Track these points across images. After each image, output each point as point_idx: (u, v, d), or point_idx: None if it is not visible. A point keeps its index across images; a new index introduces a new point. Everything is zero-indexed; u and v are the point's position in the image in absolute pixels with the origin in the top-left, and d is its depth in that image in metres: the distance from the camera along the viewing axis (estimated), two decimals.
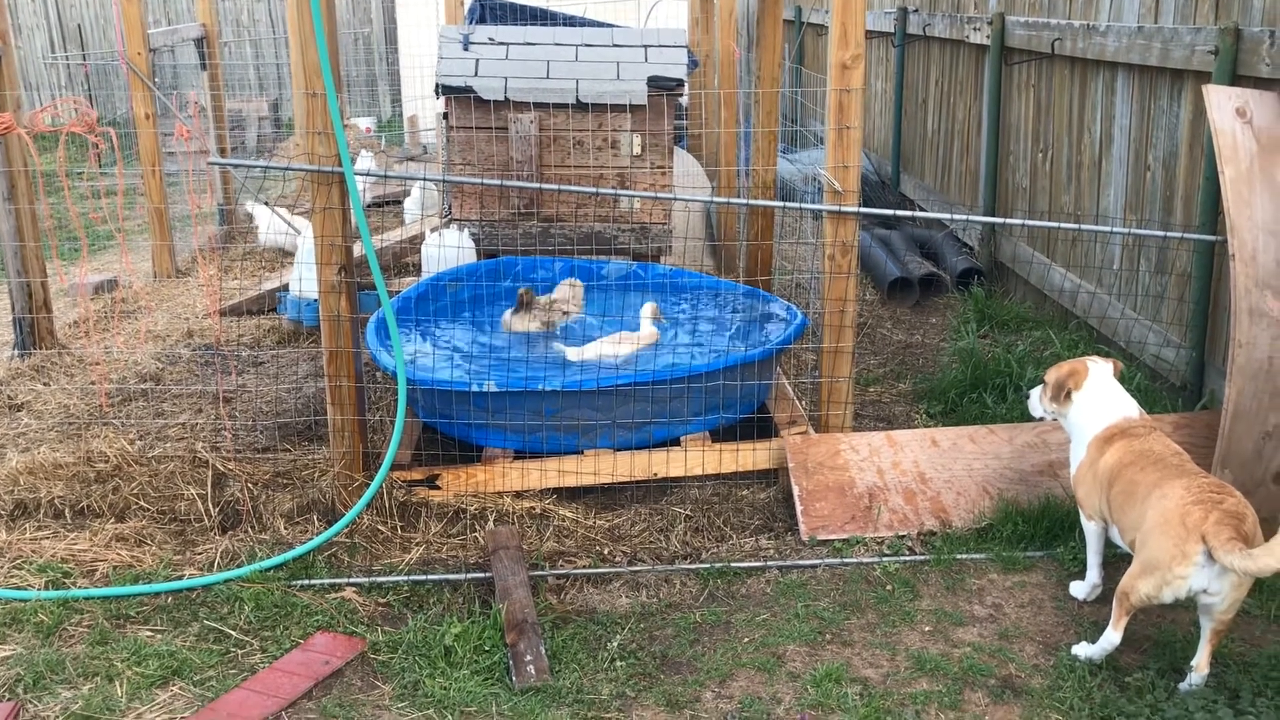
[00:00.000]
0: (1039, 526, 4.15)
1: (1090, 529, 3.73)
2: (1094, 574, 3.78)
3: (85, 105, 5.48)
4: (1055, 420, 3.98)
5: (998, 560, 4.02)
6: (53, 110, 5.67)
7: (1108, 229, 4.96)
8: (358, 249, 4.99)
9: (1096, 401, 3.77)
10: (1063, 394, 3.82)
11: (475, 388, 4.47)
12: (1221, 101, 4.20)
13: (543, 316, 5.33)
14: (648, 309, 5.27)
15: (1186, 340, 5.02)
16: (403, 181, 10.11)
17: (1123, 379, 5.18)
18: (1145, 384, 5.18)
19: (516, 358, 4.98)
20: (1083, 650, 3.43)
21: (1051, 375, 3.88)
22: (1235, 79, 4.53)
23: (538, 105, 5.73)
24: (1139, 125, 5.49)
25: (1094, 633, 3.58)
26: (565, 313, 5.43)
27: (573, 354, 5.01)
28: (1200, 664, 3.26)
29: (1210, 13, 4.83)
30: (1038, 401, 3.98)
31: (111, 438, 4.83)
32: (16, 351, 6.22)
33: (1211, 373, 4.86)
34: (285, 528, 4.29)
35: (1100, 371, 3.84)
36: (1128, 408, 3.75)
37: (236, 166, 5.80)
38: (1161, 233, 4.79)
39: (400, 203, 9.65)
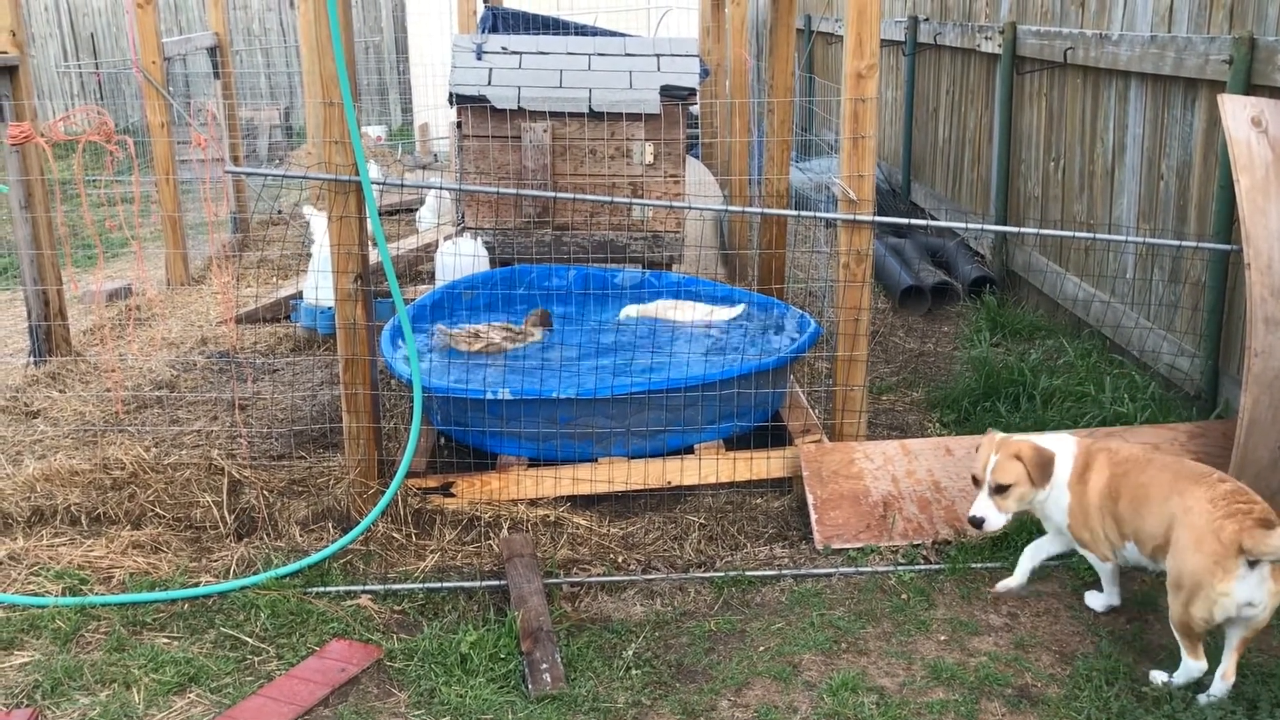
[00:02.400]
0: None
1: (1106, 570, 3.67)
2: (1114, 597, 3.74)
3: (103, 114, 5.52)
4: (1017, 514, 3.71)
5: (1013, 569, 4.01)
6: (69, 120, 5.71)
7: (1121, 238, 4.95)
8: (373, 256, 5.01)
9: (1055, 446, 3.65)
10: (1051, 466, 3.60)
11: (489, 395, 4.48)
12: (1236, 111, 4.20)
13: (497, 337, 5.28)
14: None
15: (1201, 349, 5.01)
16: (414, 190, 10.14)
17: (1137, 388, 5.20)
18: (1159, 393, 5.18)
19: (531, 365, 4.99)
20: (1160, 677, 3.36)
21: (1018, 467, 3.57)
22: (1250, 88, 4.53)
23: (551, 114, 5.76)
24: (1152, 134, 5.49)
25: (1111, 641, 3.58)
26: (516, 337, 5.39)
27: (631, 310, 5.27)
28: (1227, 673, 3.24)
29: (1224, 22, 4.83)
30: (997, 510, 3.61)
31: (127, 445, 4.86)
32: (32, 359, 6.25)
33: (1226, 382, 4.85)
34: (301, 535, 4.31)
35: (1021, 436, 3.68)
36: (1062, 436, 3.70)
37: (252, 175, 5.83)
38: (1175, 242, 4.79)
39: (413, 211, 9.69)
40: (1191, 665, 3.27)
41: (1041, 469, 3.57)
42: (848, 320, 4.50)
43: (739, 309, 5.52)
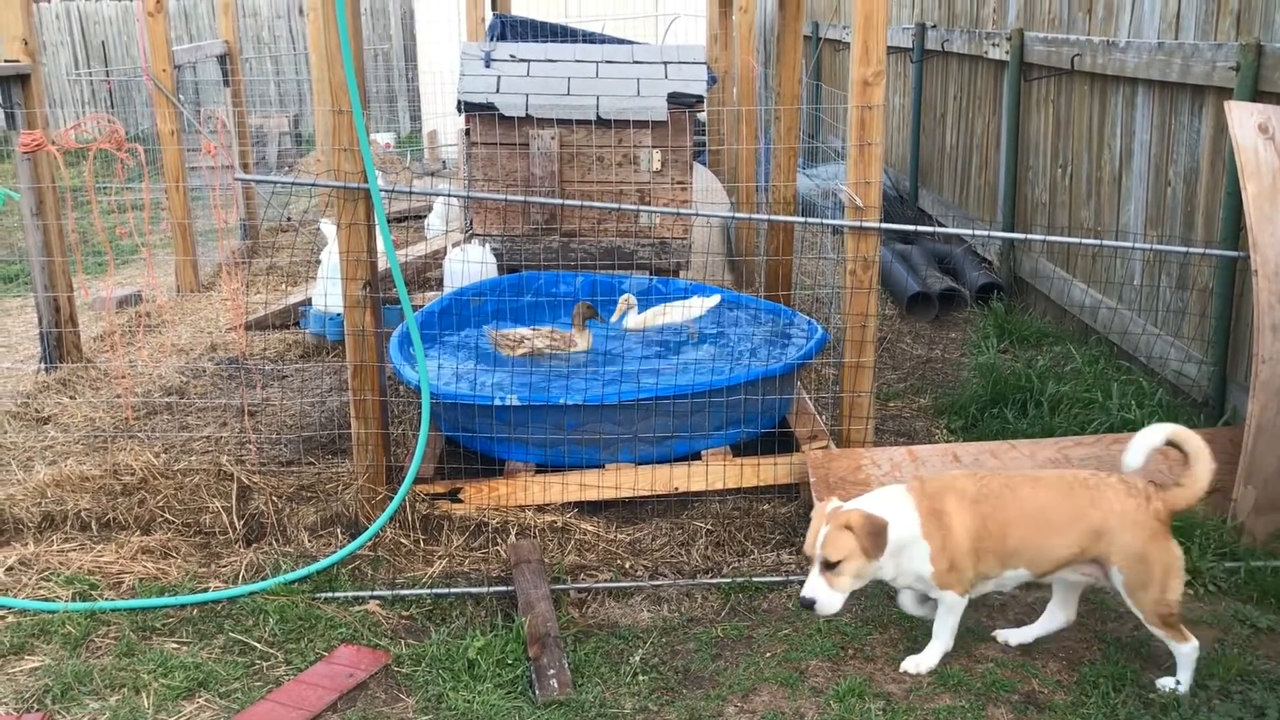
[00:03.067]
0: None
1: (960, 605, 3.43)
2: (950, 641, 3.51)
3: (114, 122, 5.55)
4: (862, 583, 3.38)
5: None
6: (80, 128, 5.74)
7: (1128, 245, 4.96)
8: (381, 263, 5.03)
9: (887, 507, 3.37)
10: (884, 536, 3.29)
11: (498, 401, 4.50)
12: (1243, 118, 4.21)
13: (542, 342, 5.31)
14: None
15: (1208, 356, 5.01)
16: (423, 197, 10.17)
17: (1144, 395, 5.20)
18: (1166, 399, 5.17)
19: (539, 371, 5.01)
20: (1168, 683, 3.33)
21: (849, 539, 3.26)
22: (1257, 95, 4.53)
23: (559, 121, 5.78)
24: (1159, 141, 5.49)
25: (1119, 648, 3.57)
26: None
27: (633, 322, 5.32)
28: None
29: (1231, 29, 4.83)
30: (829, 588, 3.30)
31: (137, 451, 4.88)
32: (43, 365, 6.29)
33: (1234, 389, 4.84)
34: (309, 541, 4.32)
35: (854, 502, 3.41)
36: (892, 491, 3.44)
37: (262, 182, 5.87)
38: (1183, 248, 4.79)
39: (422, 218, 9.72)
40: (1188, 650, 3.30)
41: (874, 538, 3.27)
42: (855, 326, 4.51)
43: (715, 298, 5.63)
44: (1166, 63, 5.26)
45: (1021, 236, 5.26)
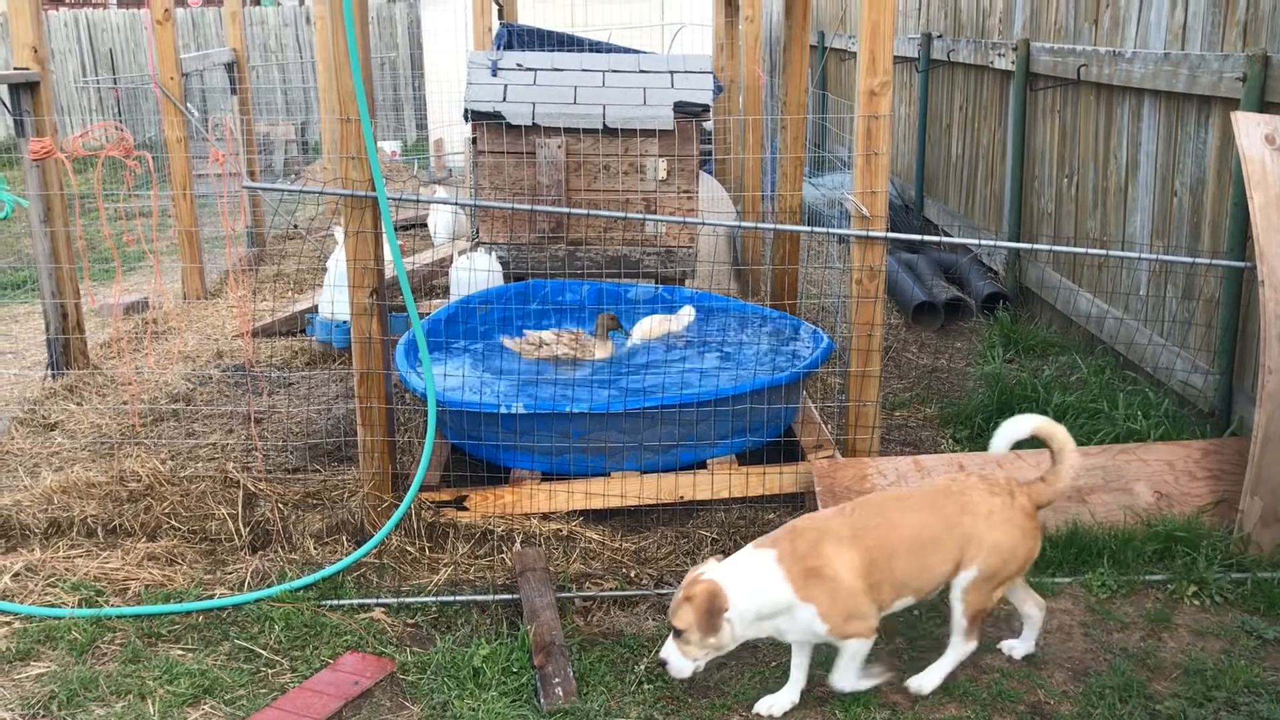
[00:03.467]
0: (1066, 552, 4.14)
1: (868, 646, 3.30)
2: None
3: (123, 130, 5.58)
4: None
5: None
6: (89, 135, 5.77)
7: (1135, 255, 4.95)
8: (388, 271, 5.04)
9: (750, 578, 3.17)
10: (720, 616, 3.11)
11: (503, 409, 4.50)
12: (1250, 128, 4.21)
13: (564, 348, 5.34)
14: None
15: (1215, 366, 5.00)
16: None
17: (1151, 405, 5.19)
18: (1173, 410, 5.17)
19: (545, 379, 5.01)
20: (916, 682, 3.39)
21: (688, 612, 3.12)
22: (1263, 105, 4.54)
23: (565, 130, 5.79)
24: (1165, 151, 5.49)
25: (1125, 659, 3.56)
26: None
27: (638, 338, 5.34)
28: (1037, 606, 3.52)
29: (1238, 40, 4.84)
30: (679, 654, 3.19)
31: (143, 457, 4.89)
32: (50, 372, 6.30)
33: (1240, 399, 4.84)
34: (315, 548, 4.33)
35: (719, 568, 3.22)
36: (755, 555, 3.24)
37: (269, 190, 5.88)
38: (1189, 259, 4.79)
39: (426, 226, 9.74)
40: (970, 649, 3.39)
41: (708, 616, 3.08)
42: (861, 336, 4.51)
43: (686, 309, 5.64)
44: (1173, 73, 5.27)
45: (1027, 246, 5.27)
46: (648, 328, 5.49)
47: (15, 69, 6.01)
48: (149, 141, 14.58)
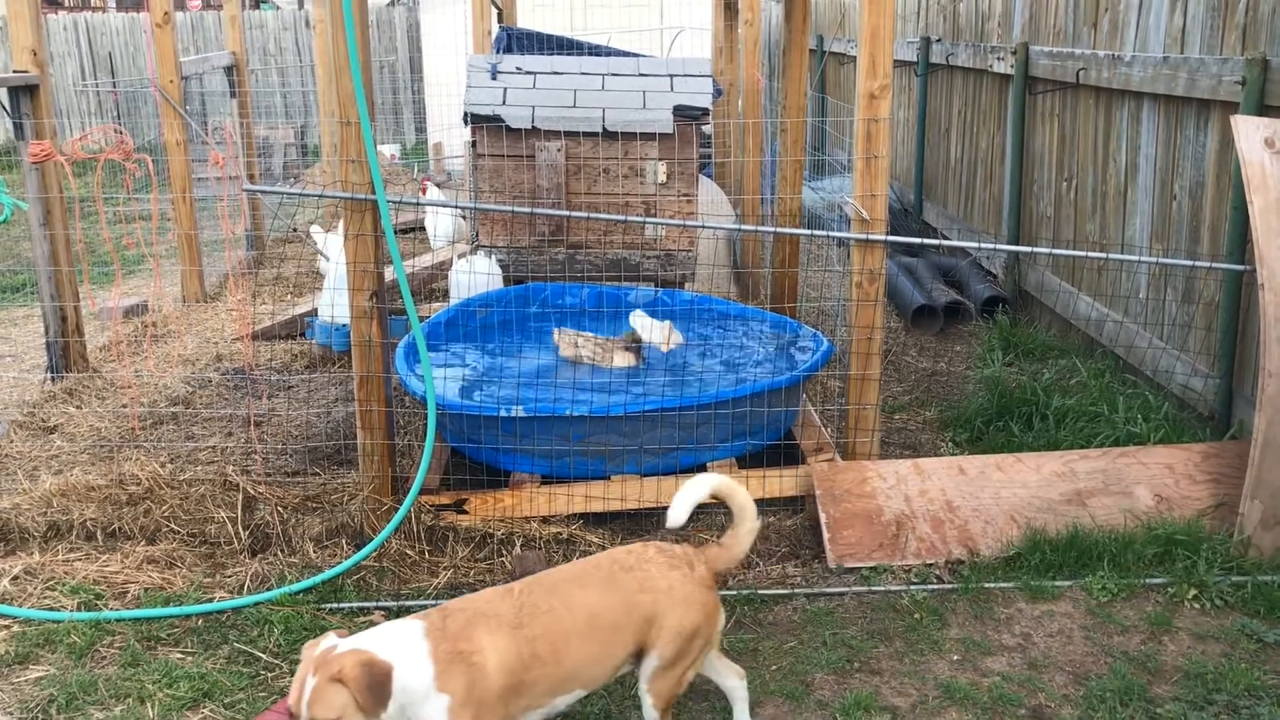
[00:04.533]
0: (1067, 555, 4.14)
1: None
2: None
3: (122, 133, 5.57)
4: None
5: (1026, 589, 4.01)
6: (88, 138, 5.77)
7: (1134, 258, 4.96)
8: (387, 274, 5.04)
9: (391, 650, 2.65)
10: (388, 683, 2.59)
11: (503, 412, 4.50)
12: (1249, 132, 4.21)
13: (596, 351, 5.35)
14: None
15: (1215, 370, 5.00)
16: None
17: (1150, 409, 5.19)
18: (1173, 413, 5.17)
19: (544, 382, 5.01)
20: None
21: (341, 694, 2.54)
22: (1263, 109, 4.54)
23: (565, 133, 5.79)
24: (1165, 155, 5.50)
25: (1126, 662, 3.56)
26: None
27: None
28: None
29: (1237, 43, 4.84)
30: None
31: (143, 460, 4.89)
32: (50, 374, 6.30)
33: (1240, 402, 4.84)
34: (314, 551, 4.32)
35: (351, 643, 2.66)
36: (402, 628, 2.75)
37: (269, 193, 5.88)
38: (1188, 262, 4.79)
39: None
40: None
41: (375, 691, 2.55)
42: (860, 339, 4.51)
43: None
44: (1172, 77, 5.27)
45: (1027, 250, 5.27)
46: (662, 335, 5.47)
47: (15, 72, 6.01)
48: (148, 145, 14.58)
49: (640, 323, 5.46)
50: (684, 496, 3.03)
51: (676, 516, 3.02)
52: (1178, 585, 3.95)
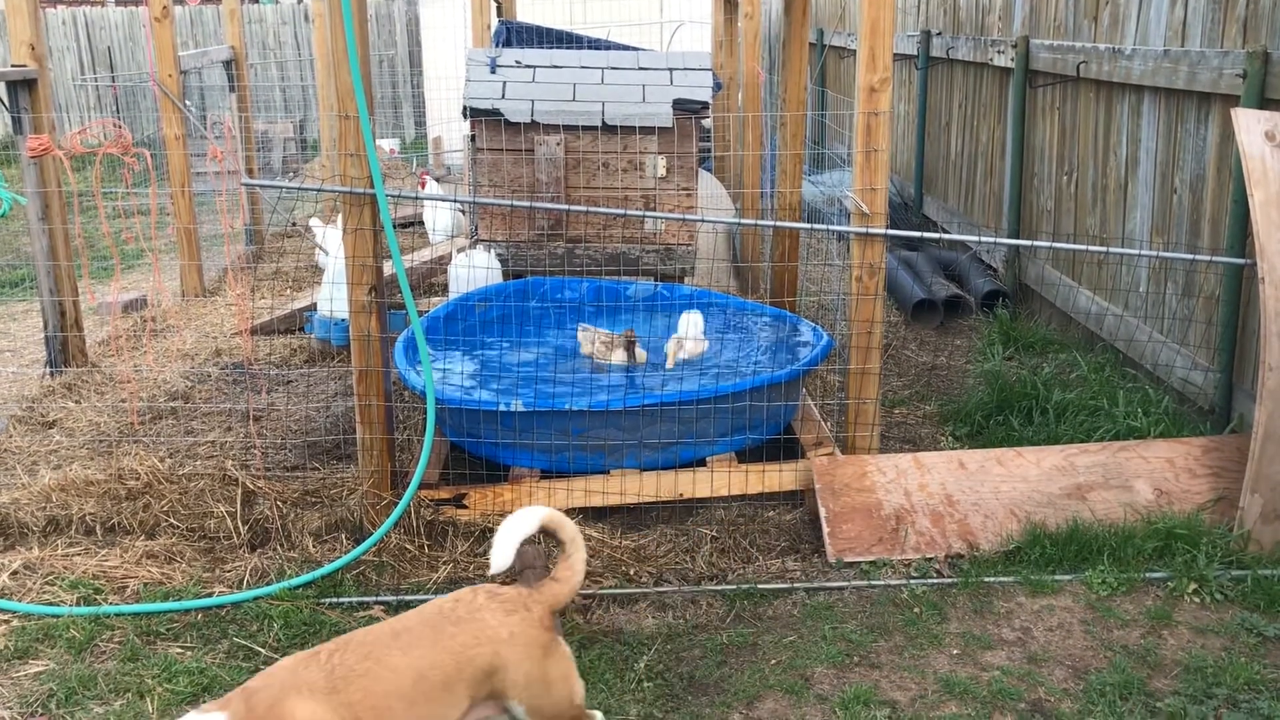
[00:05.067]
0: (1067, 550, 4.13)
1: None
2: None
3: (121, 127, 5.56)
4: None
5: (1025, 583, 4.01)
6: (87, 132, 5.76)
7: (1134, 252, 4.95)
8: (386, 268, 5.03)
9: None
10: None
11: (502, 407, 4.50)
12: (1250, 125, 4.20)
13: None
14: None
15: (1215, 363, 5.00)
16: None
17: (1150, 403, 5.18)
18: (1173, 407, 5.16)
19: (545, 376, 5.01)
20: None
21: None
22: (1264, 102, 4.53)
23: (564, 127, 5.78)
24: (1165, 148, 5.49)
25: (1126, 656, 3.56)
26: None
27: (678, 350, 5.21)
28: None
29: (1238, 36, 4.83)
30: None
31: (142, 455, 4.88)
32: (49, 369, 6.29)
33: (1240, 396, 4.83)
34: (314, 546, 4.32)
35: None
36: (201, 712, 2.52)
37: (268, 188, 5.87)
38: (1189, 256, 4.78)
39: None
40: None
41: None
42: (860, 333, 4.50)
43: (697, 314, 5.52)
44: (1173, 70, 5.26)
45: (1027, 243, 5.27)
46: (675, 349, 5.38)
47: (13, 66, 6.00)
48: (147, 139, 14.56)
49: (690, 320, 5.35)
50: (507, 535, 2.81)
51: (501, 559, 2.78)
52: (1178, 579, 3.95)
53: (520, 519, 2.84)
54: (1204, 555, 4.02)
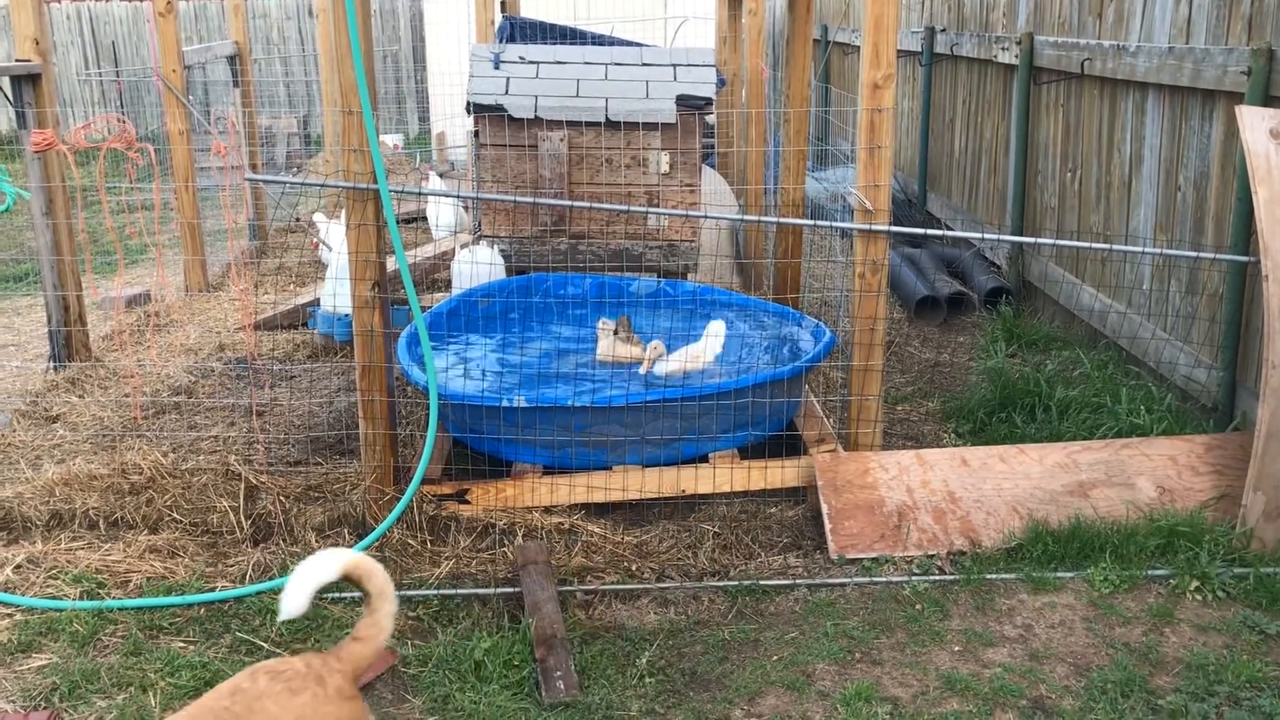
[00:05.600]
0: (1069, 547, 4.13)
1: None
2: None
3: (125, 122, 5.56)
4: None
5: (1027, 580, 4.01)
6: (91, 127, 5.76)
7: (1138, 249, 4.94)
8: (389, 264, 5.03)
9: None
10: None
11: (505, 403, 4.50)
12: (1255, 122, 4.19)
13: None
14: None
15: (1218, 361, 4.99)
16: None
17: (1153, 400, 5.18)
18: (1176, 405, 5.16)
19: (547, 373, 5.01)
20: None
21: None
22: (1268, 100, 4.52)
23: (568, 123, 5.78)
24: (1169, 145, 5.48)
25: (1127, 654, 3.56)
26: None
27: (668, 368, 5.13)
28: None
29: (1243, 33, 4.82)
30: None
31: (145, 450, 4.89)
32: (52, 364, 6.30)
33: (1243, 394, 4.83)
34: (316, 541, 4.32)
35: None
36: None
37: (271, 183, 5.88)
38: (1193, 253, 4.77)
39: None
40: None
41: None
42: (863, 330, 4.50)
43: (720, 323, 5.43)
44: (1177, 67, 5.25)
45: (1030, 240, 5.25)
46: (682, 359, 5.30)
47: (17, 61, 6.00)
48: (151, 134, 14.56)
49: (713, 330, 5.28)
50: (302, 582, 2.51)
51: (294, 606, 2.50)
52: (1180, 577, 3.95)
53: (318, 564, 2.54)
54: (1206, 553, 4.01)
